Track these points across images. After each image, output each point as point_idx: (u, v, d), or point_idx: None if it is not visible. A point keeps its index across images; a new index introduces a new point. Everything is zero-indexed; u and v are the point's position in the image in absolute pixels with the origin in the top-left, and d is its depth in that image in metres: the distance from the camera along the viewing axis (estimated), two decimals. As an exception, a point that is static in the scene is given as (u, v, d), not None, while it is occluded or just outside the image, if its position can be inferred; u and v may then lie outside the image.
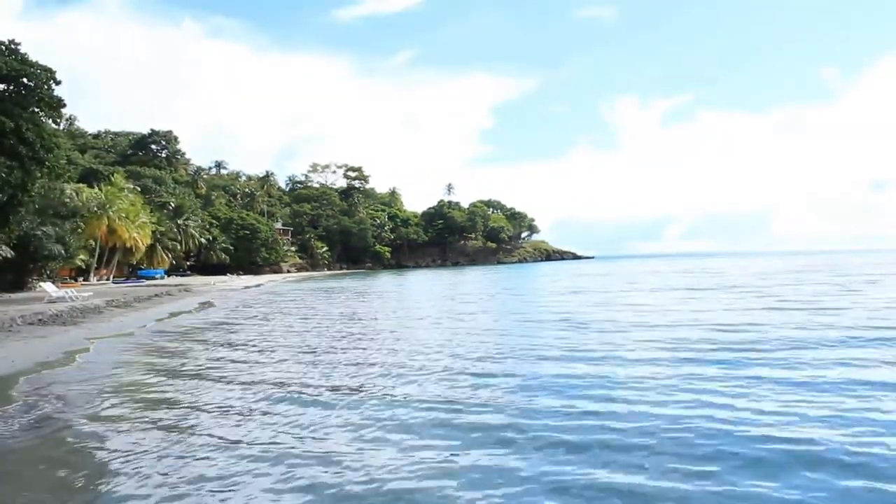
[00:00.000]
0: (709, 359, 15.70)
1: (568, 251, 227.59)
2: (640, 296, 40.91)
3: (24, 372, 16.35)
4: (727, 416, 10.38)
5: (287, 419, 11.34)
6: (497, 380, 14.10)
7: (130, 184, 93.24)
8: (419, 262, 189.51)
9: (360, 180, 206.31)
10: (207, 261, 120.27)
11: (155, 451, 9.63)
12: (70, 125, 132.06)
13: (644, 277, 66.86)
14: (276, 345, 21.76)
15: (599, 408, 11.27)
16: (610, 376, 13.96)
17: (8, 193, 31.87)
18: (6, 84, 32.51)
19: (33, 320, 26.38)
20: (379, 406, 12.00)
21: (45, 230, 50.20)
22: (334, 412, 11.73)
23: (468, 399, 12.35)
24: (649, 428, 9.93)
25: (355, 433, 10.33)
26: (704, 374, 13.85)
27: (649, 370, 14.49)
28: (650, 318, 26.04)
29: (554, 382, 13.53)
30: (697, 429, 9.79)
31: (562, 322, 25.56)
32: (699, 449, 8.92)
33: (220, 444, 9.90)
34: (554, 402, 11.67)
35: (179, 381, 15.39)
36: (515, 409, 11.31)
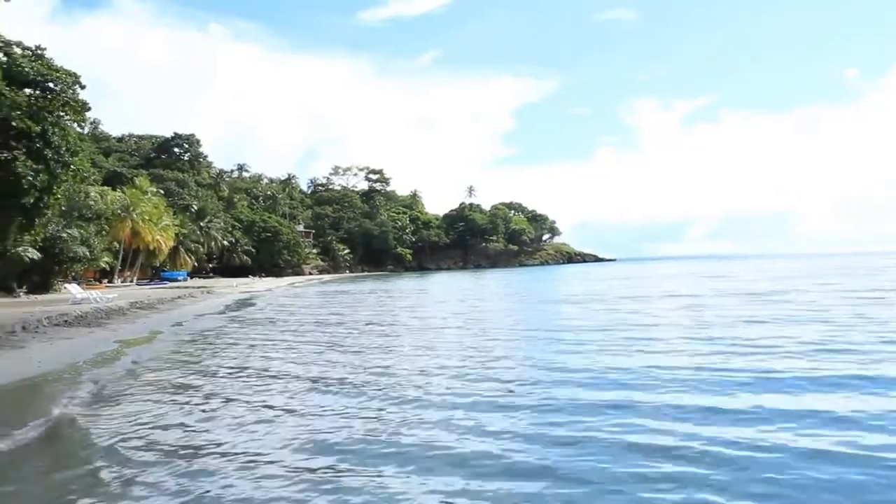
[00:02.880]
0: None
1: (589, 253, 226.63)
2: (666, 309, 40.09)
3: (52, 373, 16.48)
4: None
5: (317, 416, 11.36)
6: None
7: (154, 186, 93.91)
8: (440, 264, 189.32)
9: (382, 182, 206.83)
10: (230, 263, 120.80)
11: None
12: (94, 129, 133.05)
13: (672, 282, 64.99)
14: (297, 350, 21.71)
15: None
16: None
17: (34, 196, 32.13)
18: (32, 88, 32.82)
19: (59, 322, 26.62)
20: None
21: (70, 232, 50.64)
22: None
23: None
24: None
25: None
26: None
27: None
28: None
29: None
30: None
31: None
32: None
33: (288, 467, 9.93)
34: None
35: (205, 383, 15.42)
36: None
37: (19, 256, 43.97)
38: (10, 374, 15.67)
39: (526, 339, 22.28)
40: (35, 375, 15.96)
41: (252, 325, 30.76)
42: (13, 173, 30.85)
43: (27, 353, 19.15)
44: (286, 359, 18.83)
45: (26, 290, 47.67)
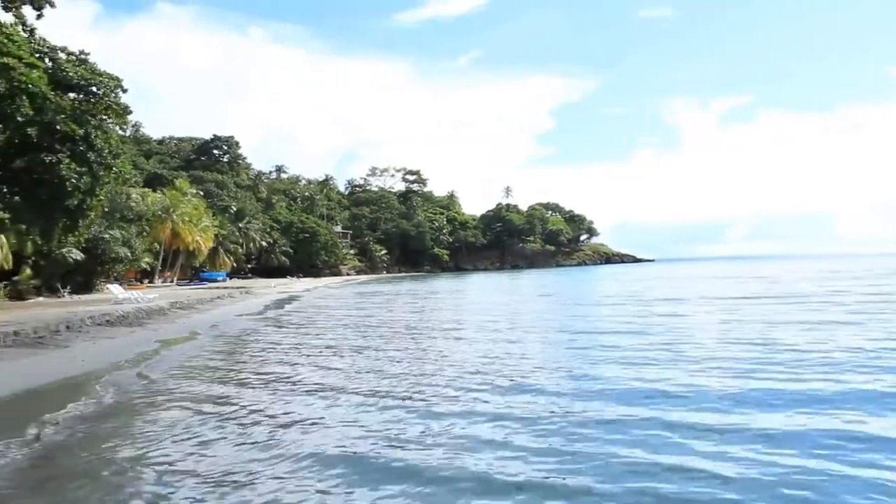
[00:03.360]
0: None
1: (627, 254, 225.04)
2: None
3: (94, 372, 16.78)
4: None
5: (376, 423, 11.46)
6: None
7: (193, 188, 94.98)
8: (477, 264, 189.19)
9: (419, 183, 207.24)
10: (268, 263, 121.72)
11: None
12: (136, 131, 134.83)
13: (713, 284, 63.23)
14: (335, 349, 21.76)
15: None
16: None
17: (78, 198, 32.65)
18: (76, 93, 33.35)
19: (101, 321, 27.05)
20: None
21: (113, 233, 51.45)
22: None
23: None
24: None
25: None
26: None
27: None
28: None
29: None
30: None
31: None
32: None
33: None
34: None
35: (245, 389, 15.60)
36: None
37: (63, 257, 44.79)
38: (56, 373, 15.99)
39: (560, 345, 21.40)
40: (79, 374, 16.27)
41: (289, 327, 30.99)
42: (57, 176, 31.37)
43: (71, 352, 19.52)
44: (320, 364, 18.46)
45: (70, 290, 48.55)
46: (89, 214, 36.22)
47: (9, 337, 19.84)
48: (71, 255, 45.22)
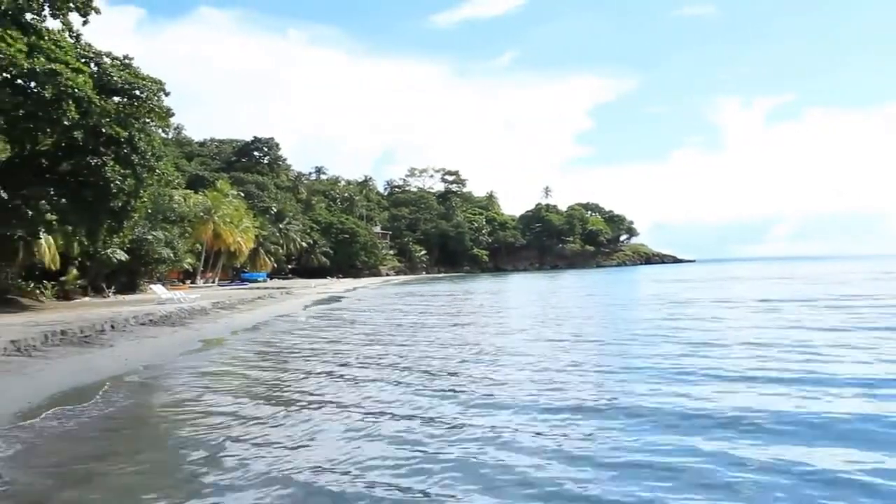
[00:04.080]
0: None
1: (668, 254, 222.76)
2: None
3: (137, 371, 17.14)
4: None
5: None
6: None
7: (234, 189, 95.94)
8: (516, 265, 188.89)
9: (458, 184, 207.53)
10: (308, 264, 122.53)
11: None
12: (178, 134, 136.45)
13: (755, 285, 61.46)
14: (370, 357, 20.87)
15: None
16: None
17: (122, 200, 33.20)
18: (121, 96, 33.90)
19: (145, 321, 27.49)
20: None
21: (156, 234, 52.16)
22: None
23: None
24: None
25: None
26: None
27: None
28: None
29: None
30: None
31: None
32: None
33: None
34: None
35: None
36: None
37: (108, 258, 45.53)
38: (101, 372, 16.34)
39: (601, 350, 20.12)
40: (123, 373, 16.62)
41: (329, 328, 31.30)
42: (103, 178, 31.92)
43: (116, 350, 19.91)
44: (360, 367, 18.27)
45: (115, 290, 49.36)
46: (133, 216, 36.77)
47: (56, 336, 20.28)
48: (115, 255, 45.94)
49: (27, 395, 13.15)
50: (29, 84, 30.14)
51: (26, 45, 29.23)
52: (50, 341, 19.68)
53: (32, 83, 29.88)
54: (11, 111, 30.42)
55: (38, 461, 9.46)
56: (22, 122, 31.18)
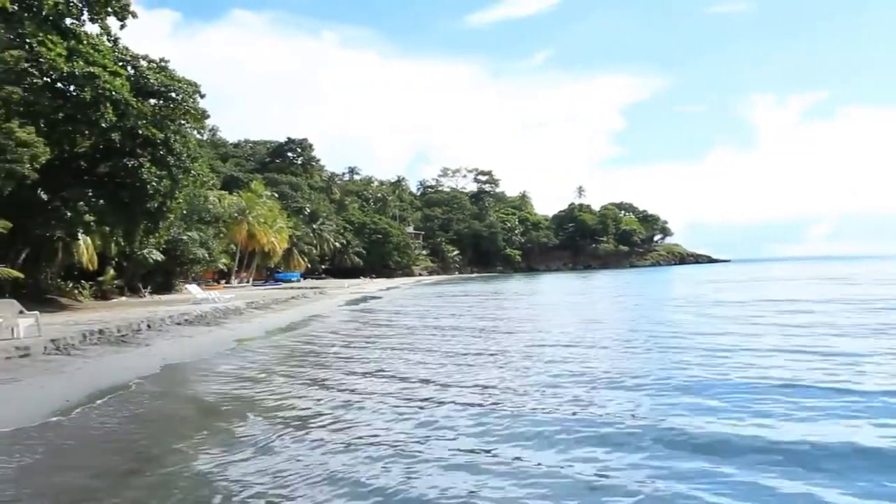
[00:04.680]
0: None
1: (702, 254, 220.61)
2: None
3: (173, 370, 17.41)
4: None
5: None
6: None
7: (268, 190, 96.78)
8: (549, 265, 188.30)
9: (491, 184, 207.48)
10: (341, 264, 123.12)
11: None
12: (213, 135, 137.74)
13: (794, 286, 59.32)
14: (405, 361, 20.14)
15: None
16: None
17: (158, 201, 33.67)
18: (157, 98, 34.37)
19: (180, 320, 27.81)
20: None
21: (191, 235, 52.78)
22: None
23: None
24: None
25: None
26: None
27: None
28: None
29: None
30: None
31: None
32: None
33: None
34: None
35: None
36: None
37: (144, 258, 46.16)
38: (138, 370, 16.61)
39: (635, 355, 18.87)
40: (158, 372, 16.90)
41: (364, 329, 31.49)
42: (139, 179, 32.40)
43: (152, 350, 20.21)
44: (394, 369, 17.92)
45: (151, 290, 50.03)
46: (169, 216, 37.23)
47: (94, 335, 20.62)
48: (152, 256, 46.55)
49: (65, 392, 13.40)
50: (68, 87, 30.73)
51: (66, 49, 29.74)
52: (88, 340, 20.02)
53: (71, 86, 30.45)
54: (51, 114, 30.99)
55: (73, 458, 9.66)
56: (61, 125, 31.72)
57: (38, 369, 15.43)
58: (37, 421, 11.37)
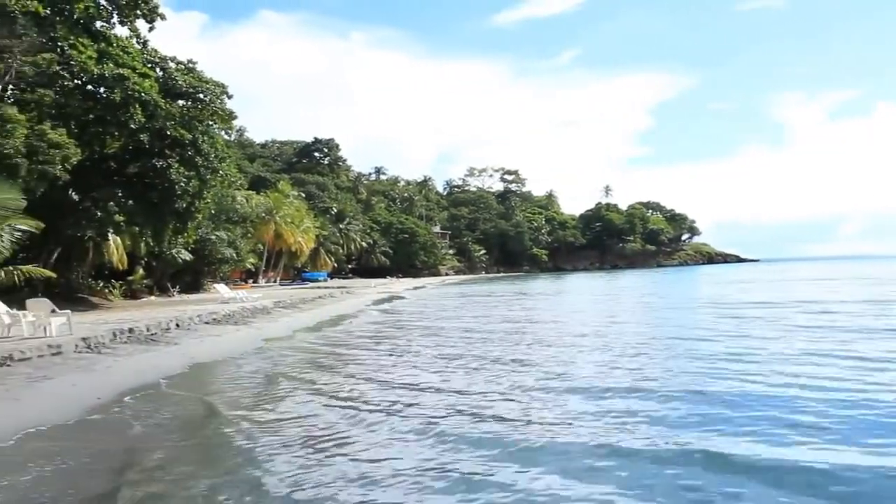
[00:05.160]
0: None
1: (731, 254, 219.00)
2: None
3: (202, 368, 17.61)
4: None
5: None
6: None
7: (295, 190, 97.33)
8: (576, 265, 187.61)
9: (517, 183, 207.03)
10: (368, 264, 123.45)
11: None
12: (240, 136, 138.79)
13: (825, 287, 56.83)
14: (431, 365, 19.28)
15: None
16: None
17: (186, 201, 34.00)
18: (185, 99, 34.71)
19: (208, 319, 28.05)
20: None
21: (219, 235, 53.22)
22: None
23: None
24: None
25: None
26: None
27: None
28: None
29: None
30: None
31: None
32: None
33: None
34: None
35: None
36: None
37: (173, 258, 46.62)
38: (166, 369, 16.82)
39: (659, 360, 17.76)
40: (187, 371, 17.09)
41: (391, 329, 31.63)
42: (168, 180, 32.76)
43: (181, 348, 20.40)
44: (421, 373, 17.62)
45: (179, 289, 50.50)
46: (197, 216, 37.55)
47: (124, 334, 20.88)
48: (180, 255, 46.99)
49: (96, 390, 13.58)
50: (98, 89, 31.11)
51: (96, 51, 30.16)
52: (118, 339, 20.27)
53: (102, 88, 30.82)
54: (82, 116, 31.43)
55: (106, 455, 9.82)
56: (92, 127, 32.15)
57: (70, 367, 15.67)
58: (72, 419, 11.55)
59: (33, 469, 8.98)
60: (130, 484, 8.51)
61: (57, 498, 8.06)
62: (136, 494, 8.20)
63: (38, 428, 10.83)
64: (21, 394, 12.72)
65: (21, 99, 29.76)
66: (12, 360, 15.36)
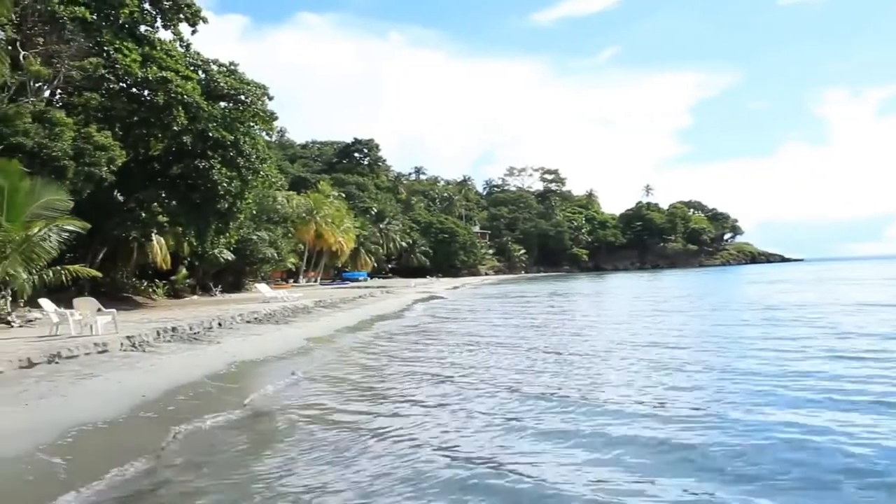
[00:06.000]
0: None
1: (774, 253, 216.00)
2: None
3: (244, 366, 17.88)
4: None
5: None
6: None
7: (335, 190, 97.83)
8: (617, 264, 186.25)
9: (557, 183, 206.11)
10: (408, 264, 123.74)
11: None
12: (281, 137, 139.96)
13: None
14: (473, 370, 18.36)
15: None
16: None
17: (228, 201, 34.47)
18: (226, 101, 35.21)
19: (250, 319, 28.38)
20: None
21: (260, 235, 53.73)
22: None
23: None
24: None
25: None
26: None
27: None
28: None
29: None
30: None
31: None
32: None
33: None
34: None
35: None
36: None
37: (216, 258, 47.19)
38: (209, 367, 17.07)
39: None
40: (229, 370, 17.33)
41: (433, 328, 31.77)
42: (210, 181, 33.28)
43: (223, 347, 20.67)
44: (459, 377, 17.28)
45: (221, 288, 51.12)
46: (239, 217, 38.04)
47: (167, 332, 21.25)
48: (222, 255, 47.53)
49: (141, 388, 13.81)
50: (142, 92, 31.68)
51: (140, 55, 30.72)
52: (162, 337, 20.63)
53: (146, 91, 31.39)
54: (126, 118, 32.07)
55: (153, 451, 10.06)
56: (136, 129, 32.79)
57: (115, 365, 15.98)
58: (120, 416, 11.78)
59: (88, 463, 9.24)
60: (171, 483, 8.77)
61: (107, 490, 8.30)
62: (184, 489, 8.47)
63: (87, 425, 10.99)
64: (69, 390, 12.98)
65: (68, 102, 30.45)
66: (60, 358, 15.72)
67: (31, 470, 8.83)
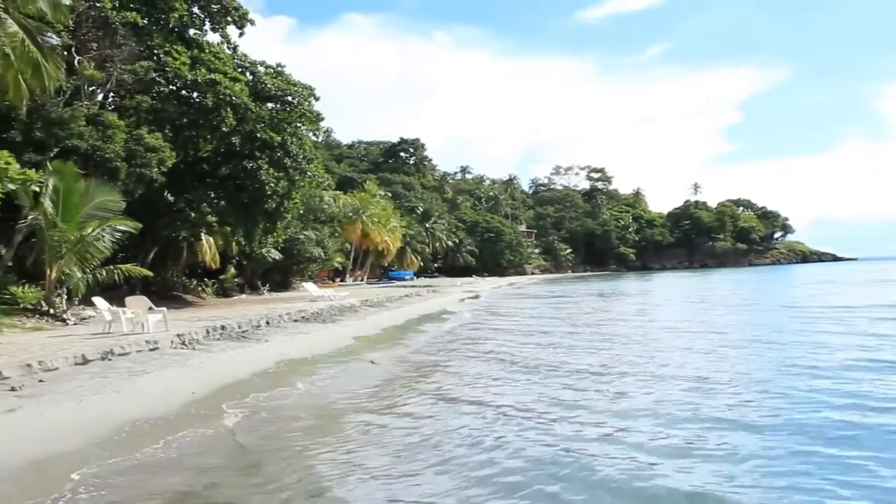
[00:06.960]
0: None
1: (826, 252, 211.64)
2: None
3: (291, 364, 18.11)
4: None
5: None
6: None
7: (382, 190, 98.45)
8: (664, 263, 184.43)
9: (604, 181, 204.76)
10: (454, 263, 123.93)
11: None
12: (327, 137, 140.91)
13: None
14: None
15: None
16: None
17: (276, 201, 34.86)
18: (273, 102, 35.61)
19: (297, 317, 28.69)
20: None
21: (307, 234, 54.22)
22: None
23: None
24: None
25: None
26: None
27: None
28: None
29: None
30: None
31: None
32: None
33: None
34: None
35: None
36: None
37: (263, 257, 47.75)
38: (258, 365, 17.33)
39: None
40: (278, 368, 17.55)
41: (481, 328, 31.83)
42: (258, 181, 33.69)
43: (271, 346, 20.94)
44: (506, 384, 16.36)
45: (269, 287, 51.72)
46: (286, 217, 38.42)
47: (216, 331, 21.61)
48: (270, 254, 48.06)
49: (192, 385, 14.07)
50: (192, 94, 32.21)
51: (189, 58, 31.23)
52: (211, 335, 20.99)
53: (195, 93, 31.91)
54: (176, 120, 32.62)
55: (204, 445, 10.30)
56: (185, 130, 33.34)
57: (166, 362, 16.31)
58: (171, 412, 12.03)
59: (150, 455, 9.62)
60: (223, 480, 9.01)
61: (170, 486, 8.56)
62: (242, 483, 8.74)
63: (139, 420, 11.25)
64: (122, 387, 13.30)
65: (120, 105, 31.07)
66: (113, 355, 16.09)
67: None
